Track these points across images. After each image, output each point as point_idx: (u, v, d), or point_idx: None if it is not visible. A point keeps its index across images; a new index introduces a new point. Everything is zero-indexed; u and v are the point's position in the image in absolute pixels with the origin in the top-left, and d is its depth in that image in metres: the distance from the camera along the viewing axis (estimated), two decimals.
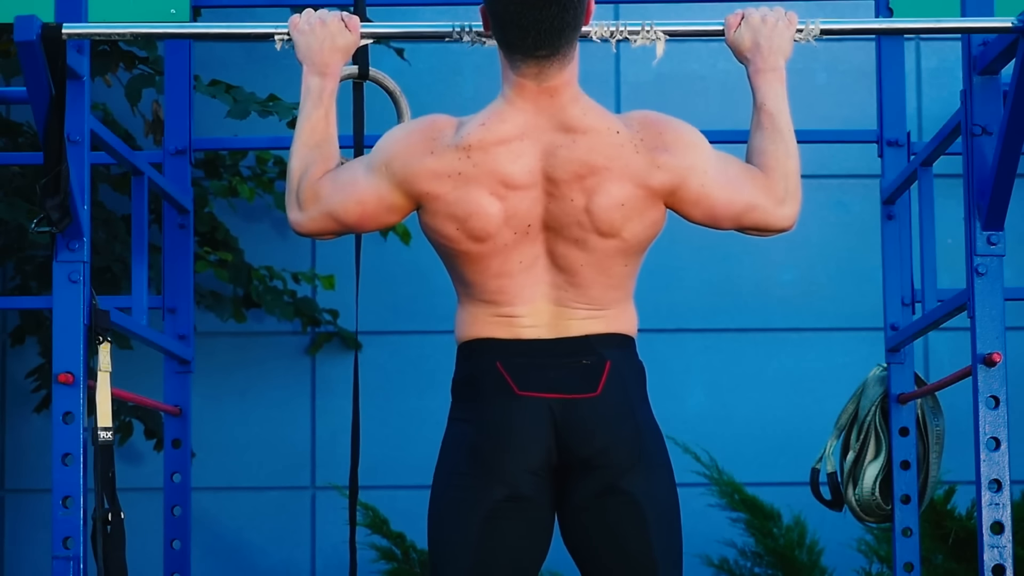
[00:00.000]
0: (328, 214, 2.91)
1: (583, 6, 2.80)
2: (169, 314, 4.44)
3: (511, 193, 2.82)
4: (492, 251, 2.83)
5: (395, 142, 2.88)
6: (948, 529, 5.56)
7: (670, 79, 6.34)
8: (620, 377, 2.85)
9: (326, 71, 3.01)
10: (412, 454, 6.12)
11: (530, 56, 2.80)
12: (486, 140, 2.82)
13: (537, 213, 2.83)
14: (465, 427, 2.87)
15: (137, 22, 3.90)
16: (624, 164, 2.82)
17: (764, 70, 3.02)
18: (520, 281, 2.85)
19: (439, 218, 2.85)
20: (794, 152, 2.99)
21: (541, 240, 2.84)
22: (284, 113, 5.19)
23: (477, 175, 2.81)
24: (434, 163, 2.83)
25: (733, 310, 6.28)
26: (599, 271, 2.86)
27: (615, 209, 2.83)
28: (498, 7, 2.79)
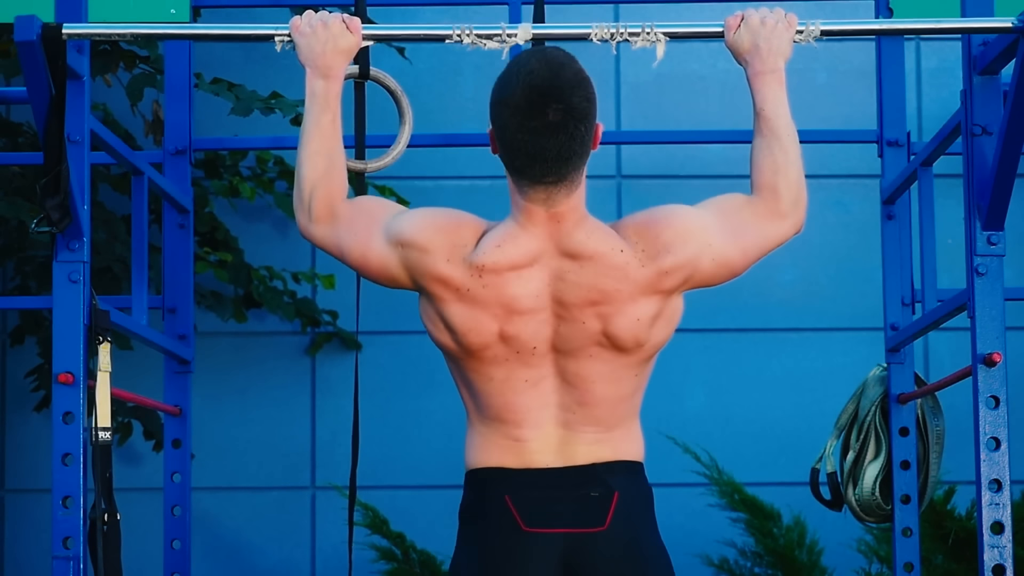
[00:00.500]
0: (335, 244, 2.92)
1: (591, 134, 2.79)
2: (169, 314, 4.44)
3: (515, 317, 2.82)
4: (493, 362, 2.83)
5: (420, 231, 2.85)
6: (948, 529, 5.56)
7: (670, 79, 6.34)
8: (628, 508, 2.84)
9: (330, 73, 3.01)
10: (412, 454, 6.12)
11: (537, 183, 2.79)
12: (500, 264, 2.81)
13: (545, 335, 2.83)
14: (472, 558, 2.85)
15: (137, 22, 3.90)
16: (633, 283, 2.83)
17: (763, 72, 3.02)
18: (527, 401, 2.85)
19: (437, 322, 2.86)
20: (795, 157, 2.98)
21: (549, 360, 2.85)
22: (287, 110, 5.19)
23: (484, 297, 2.81)
24: (447, 270, 2.82)
25: (733, 310, 6.28)
26: (611, 383, 2.85)
27: (634, 326, 2.83)
28: (506, 135, 2.77)
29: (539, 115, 2.73)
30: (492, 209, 6.36)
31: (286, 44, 3.14)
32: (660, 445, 5.82)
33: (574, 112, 2.74)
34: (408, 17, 5.97)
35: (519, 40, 3.20)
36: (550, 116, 2.73)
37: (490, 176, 6.18)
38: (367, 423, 3.52)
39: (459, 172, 6.29)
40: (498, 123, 2.78)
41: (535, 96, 2.72)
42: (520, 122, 2.73)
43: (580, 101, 2.74)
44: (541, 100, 2.72)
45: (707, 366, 6.27)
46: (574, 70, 2.76)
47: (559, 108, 2.73)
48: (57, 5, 3.53)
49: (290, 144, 5.34)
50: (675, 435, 5.89)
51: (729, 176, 5.81)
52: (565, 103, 2.73)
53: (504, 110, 2.75)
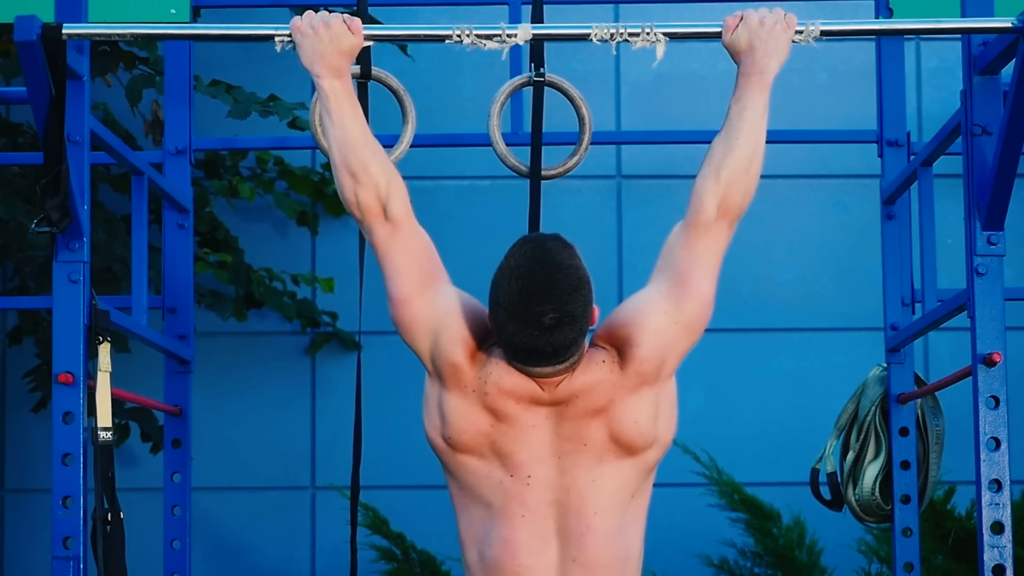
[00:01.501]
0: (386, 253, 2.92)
1: (588, 317, 2.79)
2: (169, 314, 4.44)
3: (510, 430, 2.82)
4: (486, 475, 2.84)
5: (466, 321, 2.86)
6: (948, 529, 5.56)
7: (670, 79, 6.34)
8: None
9: (340, 73, 3.00)
10: (412, 454, 6.11)
11: (536, 367, 2.81)
12: (503, 388, 2.83)
13: (540, 471, 2.83)
14: None
15: (137, 22, 3.90)
16: (620, 388, 2.84)
17: (750, 73, 3.01)
18: (525, 548, 2.82)
19: (434, 407, 2.87)
20: (740, 154, 2.94)
21: (548, 501, 2.83)
22: (284, 113, 5.19)
23: (485, 404, 2.83)
24: (464, 364, 2.84)
25: (733, 310, 6.27)
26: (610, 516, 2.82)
27: (635, 427, 2.84)
28: (502, 333, 2.78)
29: (535, 322, 2.74)
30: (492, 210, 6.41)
31: (286, 44, 3.14)
32: None
33: (569, 318, 2.75)
34: (408, 17, 5.97)
35: (519, 40, 3.20)
36: (546, 323, 2.74)
37: (490, 176, 6.18)
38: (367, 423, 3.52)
39: (459, 172, 6.29)
40: (494, 319, 2.79)
41: (532, 304, 2.74)
42: (516, 327, 2.75)
43: (576, 307, 2.76)
44: (538, 307, 2.74)
45: (707, 366, 6.27)
46: (572, 269, 2.77)
47: (555, 316, 2.74)
48: (57, 5, 3.53)
49: (290, 144, 5.36)
50: (675, 435, 5.88)
51: None
52: (561, 311, 2.74)
53: (500, 311, 2.77)
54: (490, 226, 6.03)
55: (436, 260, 2.93)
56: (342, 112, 2.95)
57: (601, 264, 6.18)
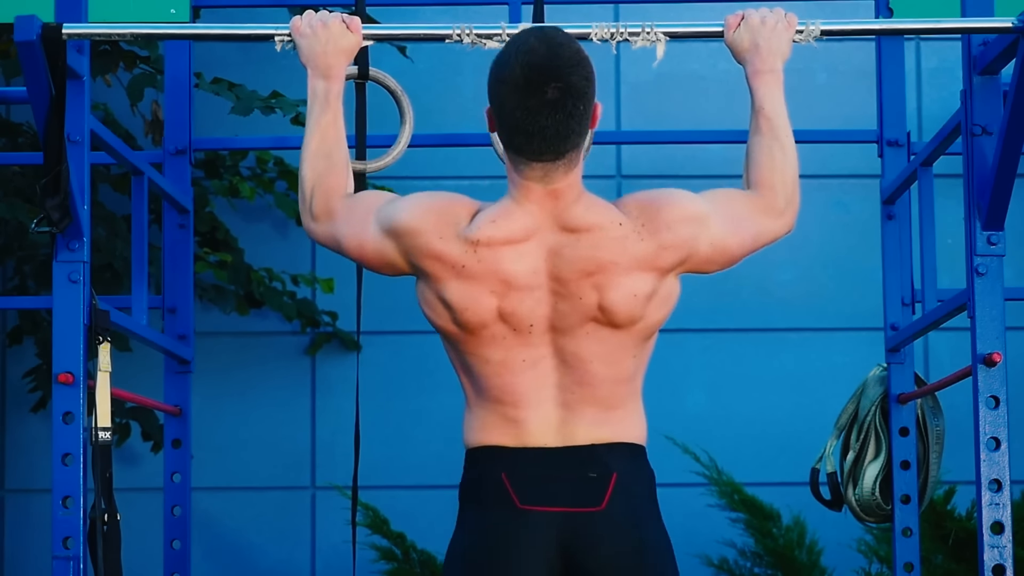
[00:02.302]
0: (334, 237, 2.93)
1: (589, 112, 2.78)
2: (169, 314, 4.44)
3: (512, 293, 2.80)
4: (491, 342, 2.82)
5: (412, 214, 2.85)
6: (948, 529, 5.56)
7: (670, 79, 6.34)
8: (626, 490, 2.82)
9: (330, 73, 3.01)
10: (412, 454, 6.12)
11: (535, 160, 2.79)
12: (494, 239, 2.81)
13: (542, 313, 2.82)
14: (468, 538, 2.84)
15: (137, 22, 3.90)
16: (631, 256, 2.81)
17: (762, 71, 3.02)
18: (525, 380, 2.83)
19: (435, 301, 2.84)
20: (791, 156, 2.99)
21: (547, 340, 2.83)
22: (288, 109, 5.18)
23: (480, 272, 2.80)
24: (441, 247, 2.81)
25: (733, 310, 6.28)
26: (609, 364, 2.83)
27: (630, 300, 2.81)
28: (504, 113, 2.77)
29: (537, 93, 2.72)
30: None
31: (286, 44, 3.14)
32: (660, 445, 5.81)
33: (572, 90, 2.73)
34: (408, 17, 5.97)
35: None
36: (548, 94, 2.72)
37: (490, 176, 6.17)
38: (367, 423, 3.52)
39: (459, 172, 6.29)
40: (496, 101, 2.78)
41: (533, 74, 2.72)
42: (518, 100, 2.73)
43: (579, 80, 2.74)
44: (539, 78, 2.72)
45: (707, 366, 6.27)
46: (573, 49, 2.76)
47: (558, 86, 2.72)
48: (57, 5, 3.53)
49: (290, 144, 5.35)
50: (675, 435, 5.88)
51: (729, 176, 5.77)
52: (564, 81, 2.73)
53: (502, 88, 2.76)
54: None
55: (368, 199, 2.94)
56: (310, 116, 2.98)
57: None
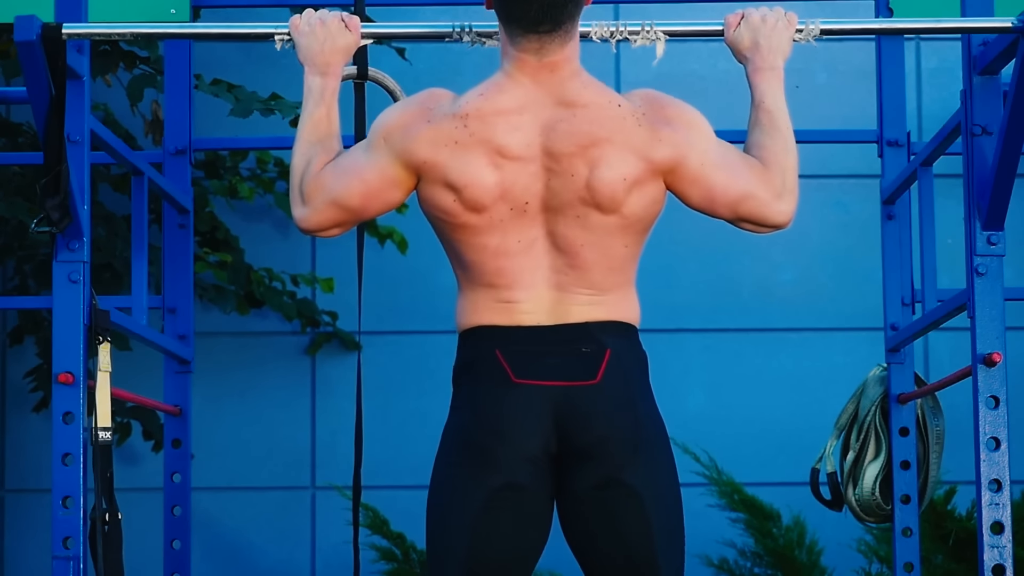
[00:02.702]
0: (332, 202, 2.89)
1: None
2: (169, 314, 4.44)
3: (508, 164, 2.80)
4: (489, 226, 2.82)
5: (392, 115, 2.87)
6: (948, 529, 5.56)
7: (670, 79, 6.33)
8: (620, 366, 2.83)
9: (327, 71, 3.02)
10: (412, 454, 6.11)
11: (531, 31, 2.80)
12: (483, 110, 2.82)
13: (536, 190, 2.82)
14: (463, 416, 2.85)
15: (137, 22, 3.90)
16: (626, 136, 2.81)
17: (763, 68, 3.02)
18: (519, 263, 2.84)
19: (437, 188, 2.83)
20: (792, 149, 2.98)
21: (540, 221, 2.83)
22: (287, 111, 5.19)
23: (474, 144, 2.81)
24: (431, 131, 2.82)
25: (733, 310, 6.28)
26: (600, 251, 2.84)
27: (617, 182, 2.81)
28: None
29: None
30: None
31: (286, 43, 3.14)
32: None
33: None
34: (408, 16, 5.97)
35: None
36: None
37: None
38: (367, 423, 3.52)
39: None
40: None
41: None
42: None
43: None
44: None
45: (707, 366, 6.27)
46: None
47: None
48: (57, 5, 3.53)
49: (290, 144, 5.34)
50: (675, 435, 5.84)
51: None
52: None
53: None
54: None
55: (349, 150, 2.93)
56: (304, 112, 2.98)
57: None
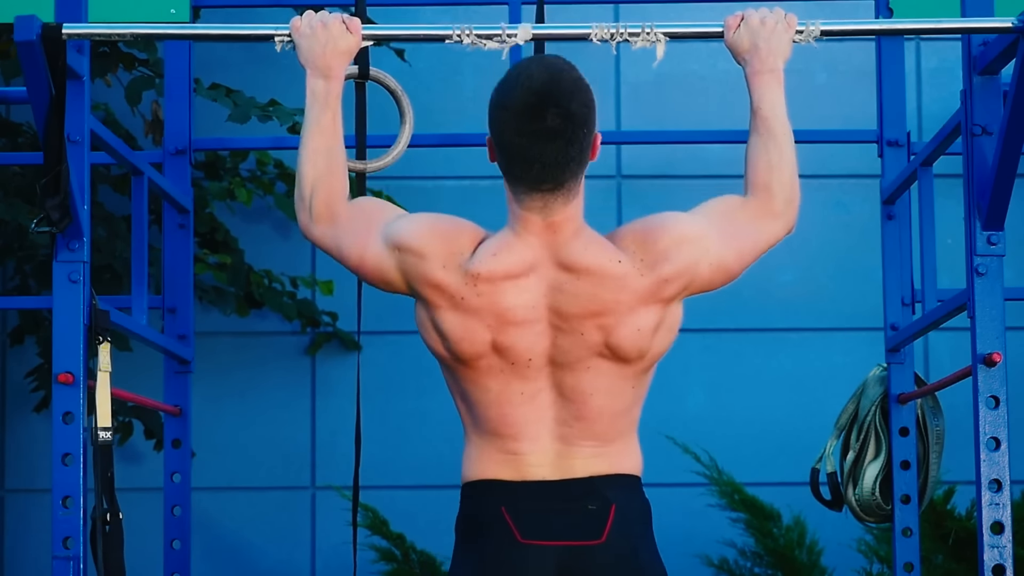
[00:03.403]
0: (335, 244, 2.91)
1: (589, 141, 2.77)
2: (169, 314, 4.44)
3: (510, 328, 2.80)
4: (488, 373, 2.82)
5: (418, 236, 2.84)
6: (948, 529, 5.56)
7: (670, 79, 6.34)
8: (625, 521, 2.82)
9: (330, 74, 3.01)
10: (412, 454, 6.12)
11: (535, 189, 2.78)
12: (495, 273, 2.80)
13: (541, 348, 2.82)
14: (469, 571, 2.84)
15: (137, 22, 3.90)
16: (633, 293, 2.81)
17: (761, 71, 3.02)
18: (523, 414, 2.83)
19: (430, 327, 2.85)
20: (790, 156, 2.98)
21: (546, 374, 2.83)
22: (284, 118, 5.20)
23: (478, 305, 2.80)
24: (443, 276, 2.82)
25: (733, 310, 6.27)
26: (608, 396, 2.83)
27: (635, 336, 2.82)
28: (504, 139, 2.76)
29: (537, 119, 2.72)
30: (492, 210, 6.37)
31: (286, 44, 3.14)
32: (660, 445, 5.82)
33: (573, 118, 2.73)
34: (408, 17, 5.97)
35: (519, 40, 3.20)
36: (548, 120, 2.72)
37: (490, 176, 6.16)
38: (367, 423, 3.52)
39: (459, 172, 6.29)
40: (496, 128, 2.77)
41: (534, 100, 2.72)
42: (518, 126, 2.73)
43: (579, 107, 2.74)
44: (540, 104, 2.71)
45: (707, 366, 6.27)
46: (574, 77, 2.76)
47: (557, 113, 2.72)
48: (57, 5, 3.53)
49: (290, 145, 5.35)
50: (675, 435, 5.89)
51: (729, 176, 5.79)
52: (564, 108, 2.72)
53: (503, 114, 2.75)
54: (490, 226, 6.02)
55: (378, 210, 2.92)
56: (308, 115, 2.97)
57: None
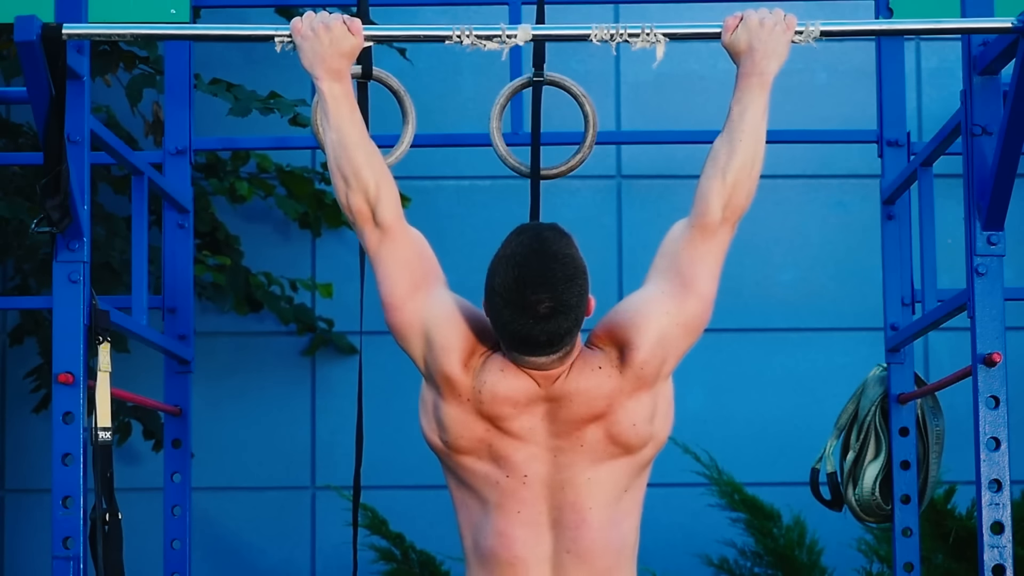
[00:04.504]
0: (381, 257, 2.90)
1: (583, 306, 2.80)
2: (169, 314, 4.44)
3: (507, 439, 2.84)
4: (484, 482, 2.85)
5: (452, 331, 2.86)
6: (948, 529, 5.56)
7: (670, 79, 6.34)
8: None
9: (340, 76, 3.00)
10: (412, 454, 6.10)
11: (530, 355, 2.82)
12: (497, 395, 2.84)
13: (536, 469, 2.85)
14: None
15: (137, 22, 3.90)
16: (619, 391, 2.84)
17: (750, 75, 3.01)
18: (521, 540, 2.84)
19: (431, 412, 2.88)
20: (743, 155, 2.93)
21: (544, 496, 2.85)
22: (286, 110, 5.18)
23: (482, 412, 2.84)
24: (459, 376, 2.85)
25: (733, 310, 6.27)
26: (608, 510, 2.84)
27: (632, 429, 2.85)
28: (497, 320, 2.79)
29: (529, 309, 2.75)
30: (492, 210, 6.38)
31: (286, 45, 3.14)
32: None
33: (564, 306, 2.76)
34: (408, 18, 5.97)
35: (519, 41, 3.20)
36: (540, 310, 2.75)
37: (490, 176, 6.18)
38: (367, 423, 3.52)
39: (459, 172, 6.29)
40: (489, 306, 2.80)
41: (527, 291, 2.75)
42: (511, 314, 2.76)
43: (571, 297, 2.76)
44: (532, 294, 2.74)
45: (707, 366, 6.27)
46: (566, 259, 2.78)
47: (549, 305, 2.75)
48: (57, 5, 3.53)
49: (291, 144, 5.35)
50: (675, 435, 5.85)
51: None
52: (555, 300, 2.75)
53: (495, 298, 2.78)
54: (490, 226, 6.02)
55: (430, 265, 2.94)
56: (339, 115, 2.95)
57: (601, 264, 6.18)
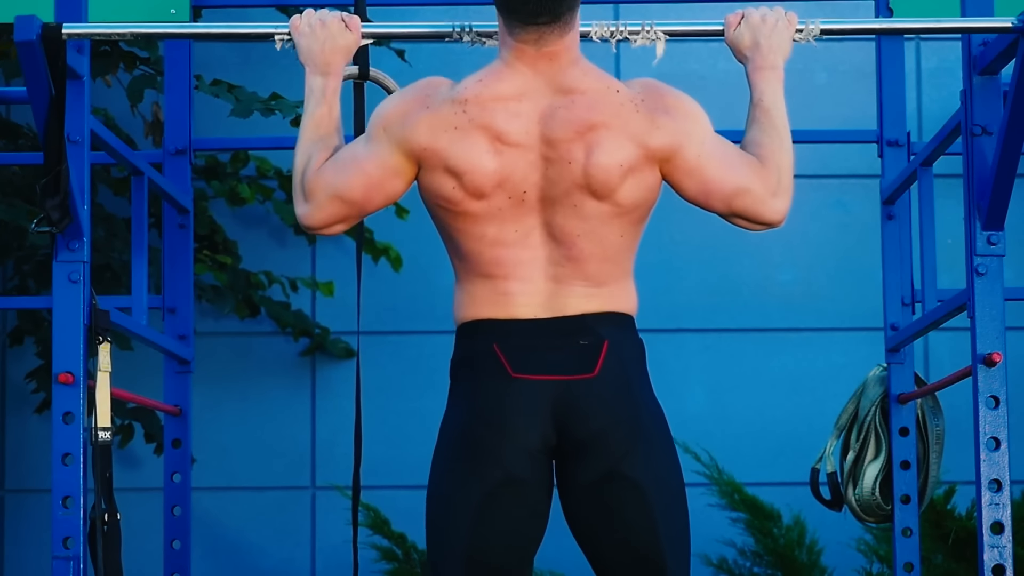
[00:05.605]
0: (334, 196, 2.89)
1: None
2: (169, 314, 4.44)
3: (507, 150, 2.81)
4: (488, 214, 2.82)
5: (390, 105, 2.89)
6: (948, 529, 5.56)
7: (670, 79, 6.26)
8: (618, 357, 2.83)
9: (328, 70, 3.02)
10: (412, 454, 6.11)
11: (530, 23, 2.82)
12: (482, 96, 2.84)
13: (534, 180, 2.82)
14: (462, 411, 2.87)
15: (137, 22, 3.90)
16: (623, 122, 2.83)
17: (763, 68, 3.02)
18: (517, 254, 2.84)
19: (437, 174, 2.83)
20: (788, 149, 2.97)
21: (537, 210, 2.83)
22: (287, 111, 5.19)
23: (473, 129, 2.82)
24: (430, 117, 2.84)
25: (733, 310, 6.27)
26: (595, 242, 2.84)
27: (612, 168, 2.82)
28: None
29: None
30: None
31: (286, 43, 3.14)
32: None
33: None
34: (408, 16, 5.96)
35: None
36: None
37: None
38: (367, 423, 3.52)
39: None
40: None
41: None
42: None
43: None
44: None
45: (707, 366, 6.27)
46: None
47: None
48: (57, 5, 3.53)
49: (291, 144, 5.34)
50: (675, 435, 5.86)
51: None
52: None
53: None
54: None
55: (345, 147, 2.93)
56: (305, 110, 2.98)
57: None
